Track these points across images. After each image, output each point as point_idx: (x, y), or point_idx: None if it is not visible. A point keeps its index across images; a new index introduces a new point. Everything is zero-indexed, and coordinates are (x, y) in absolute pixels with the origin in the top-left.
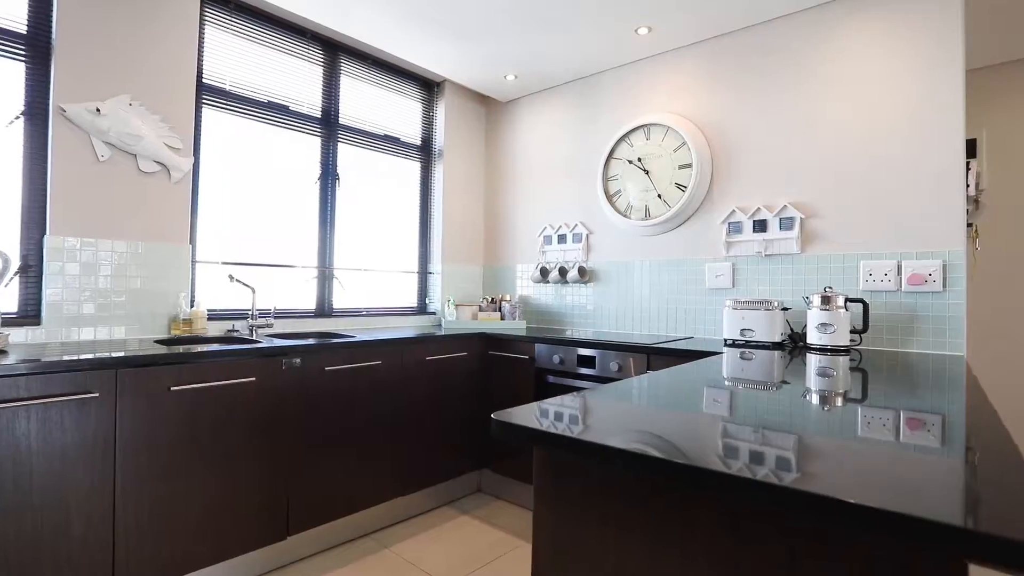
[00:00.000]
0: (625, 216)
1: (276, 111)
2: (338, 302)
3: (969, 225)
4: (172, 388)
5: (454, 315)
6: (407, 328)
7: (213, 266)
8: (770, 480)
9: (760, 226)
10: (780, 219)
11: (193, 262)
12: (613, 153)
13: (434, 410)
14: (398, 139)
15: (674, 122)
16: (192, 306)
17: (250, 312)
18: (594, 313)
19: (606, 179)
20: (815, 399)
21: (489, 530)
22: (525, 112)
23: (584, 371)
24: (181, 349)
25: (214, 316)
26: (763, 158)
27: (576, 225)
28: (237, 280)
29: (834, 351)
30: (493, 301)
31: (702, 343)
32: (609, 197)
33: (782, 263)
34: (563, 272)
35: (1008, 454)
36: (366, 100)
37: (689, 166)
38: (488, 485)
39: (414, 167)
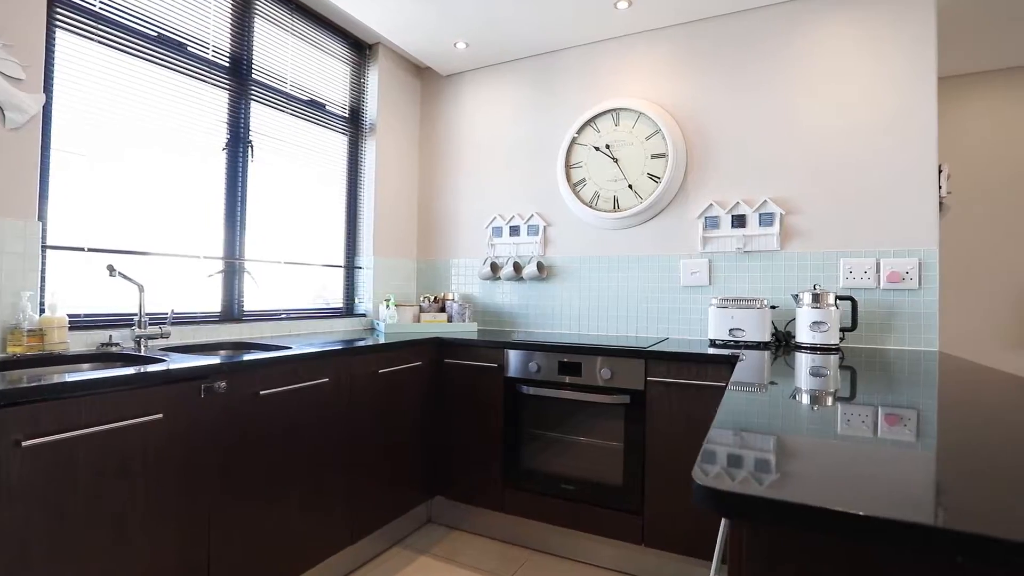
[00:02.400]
0: (591, 207)
1: (169, 49)
2: (250, 303)
3: None
4: (25, 443)
5: (394, 317)
6: (337, 333)
7: (76, 254)
8: None
9: (739, 221)
10: (760, 214)
11: (44, 247)
12: (577, 138)
13: (386, 434)
14: (324, 105)
15: (646, 108)
16: (43, 311)
17: (136, 318)
18: (554, 313)
19: (568, 166)
20: None
21: (458, 572)
22: (470, 88)
23: (567, 380)
24: (26, 378)
25: (79, 324)
26: (742, 151)
27: (532, 216)
28: (120, 274)
29: (825, 350)
30: (436, 300)
31: (677, 344)
32: (572, 186)
33: (761, 260)
34: (518, 268)
35: None
36: (288, 53)
37: (663, 156)
38: (440, 514)
39: (340, 142)
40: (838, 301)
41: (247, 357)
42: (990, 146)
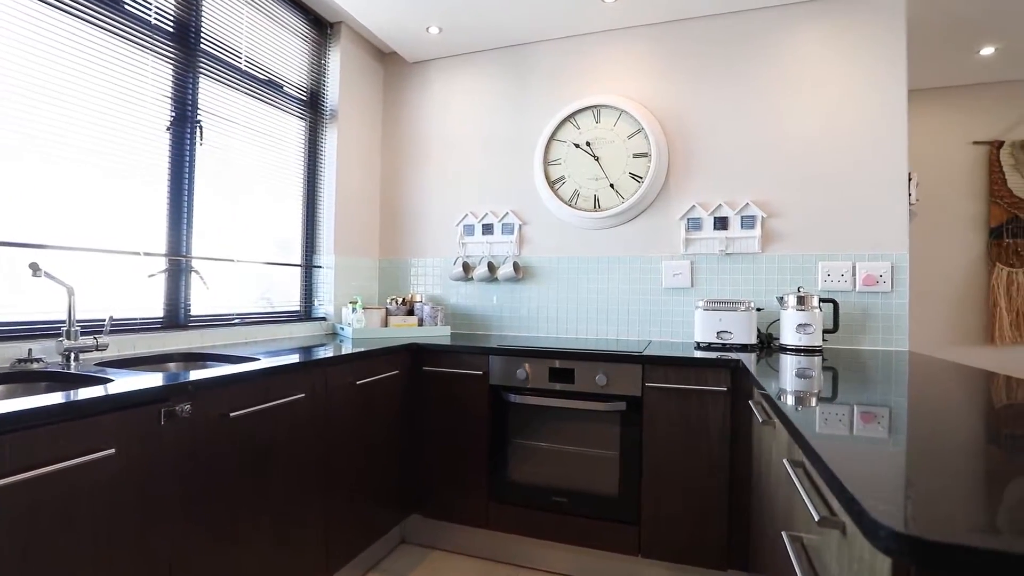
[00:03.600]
0: (571, 206)
1: (102, 4)
2: (197, 306)
3: None
4: None
5: (362, 321)
6: (297, 340)
7: None
8: None
9: (721, 223)
10: (742, 217)
11: None
12: (556, 134)
13: (364, 451)
14: (281, 86)
15: (628, 106)
16: None
17: (65, 327)
18: (530, 316)
19: (547, 163)
20: None
21: None
22: (440, 77)
23: (559, 387)
24: None
25: None
26: (724, 153)
27: (507, 214)
28: (45, 273)
29: (810, 351)
30: (404, 302)
31: (660, 347)
32: (551, 183)
33: (743, 262)
34: (492, 268)
35: None
36: (242, 24)
37: (646, 155)
38: (414, 534)
39: (298, 127)
40: (820, 303)
41: (213, 372)
42: (930, 158)
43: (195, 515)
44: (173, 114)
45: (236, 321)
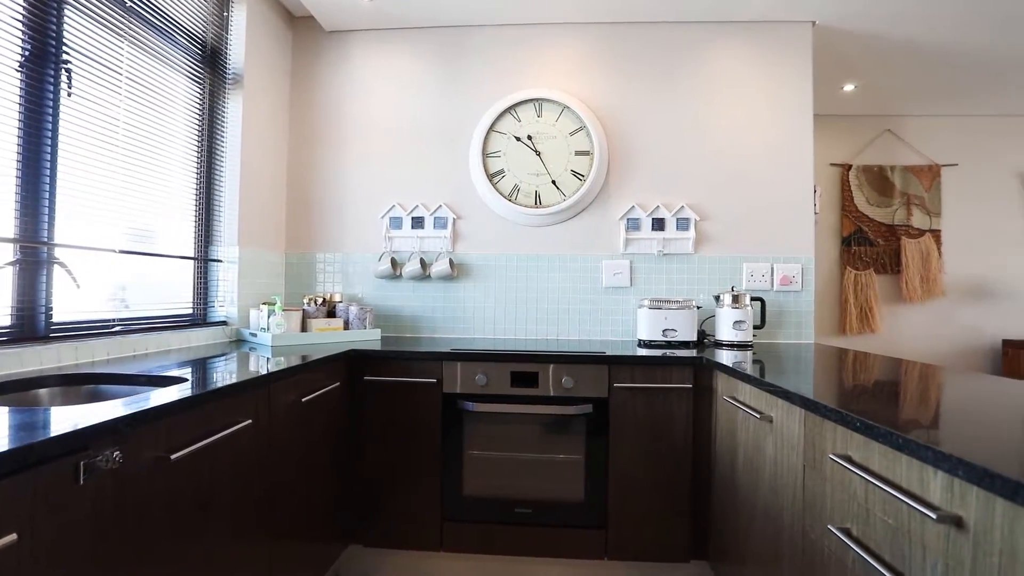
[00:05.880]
0: (510, 201)
1: None
2: (62, 311)
3: None
4: None
5: (282, 326)
6: (197, 349)
7: None
8: None
9: (658, 224)
10: (677, 219)
11: None
12: (495, 125)
13: (307, 479)
14: (171, 33)
15: (571, 102)
16: None
17: None
18: (465, 316)
19: (486, 155)
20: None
21: None
22: (363, 52)
23: (522, 392)
24: None
25: None
26: (660, 156)
27: (439, 207)
28: None
29: (743, 346)
30: (324, 303)
31: (602, 346)
32: (490, 176)
33: (678, 262)
34: (424, 265)
35: None
36: None
37: (588, 153)
38: (351, 567)
39: (195, 90)
40: (752, 302)
41: (144, 404)
42: None
43: None
44: (28, 46)
45: (118, 329)
